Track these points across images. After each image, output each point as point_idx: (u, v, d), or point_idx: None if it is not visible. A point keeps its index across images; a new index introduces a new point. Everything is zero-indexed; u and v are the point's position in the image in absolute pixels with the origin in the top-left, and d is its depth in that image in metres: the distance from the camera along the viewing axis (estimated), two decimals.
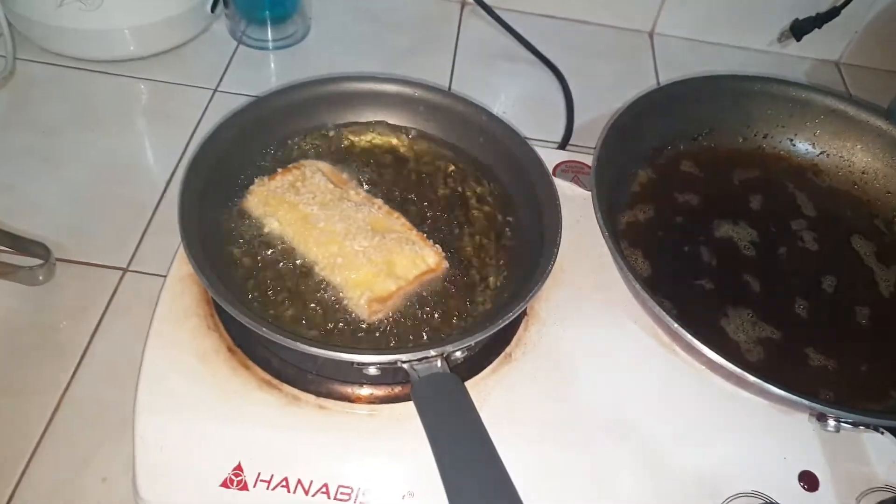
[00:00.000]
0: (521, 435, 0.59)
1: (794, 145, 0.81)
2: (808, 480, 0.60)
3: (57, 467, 0.61)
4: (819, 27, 1.01)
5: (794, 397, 0.56)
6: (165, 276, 0.65)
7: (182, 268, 0.66)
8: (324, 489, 0.56)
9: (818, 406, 0.57)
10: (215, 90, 0.91)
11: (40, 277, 0.70)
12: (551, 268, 0.61)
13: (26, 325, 0.68)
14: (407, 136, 0.74)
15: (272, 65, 0.96)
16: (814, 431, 0.63)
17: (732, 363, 0.57)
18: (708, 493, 0.59)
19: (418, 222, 0.67)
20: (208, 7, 0.94)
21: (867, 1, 1.01)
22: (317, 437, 0.58)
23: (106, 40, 0.88)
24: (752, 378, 0.57)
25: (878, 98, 0.96)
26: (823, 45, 1.07)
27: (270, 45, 0.97)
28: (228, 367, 0.60)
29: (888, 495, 0.60)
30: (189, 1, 0.91)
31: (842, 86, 1.07)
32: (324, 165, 0.69)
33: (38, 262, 0.70)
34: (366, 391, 0.60)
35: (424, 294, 0.63)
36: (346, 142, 0.73)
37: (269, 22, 0.96)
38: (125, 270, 0.73)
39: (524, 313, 0.67)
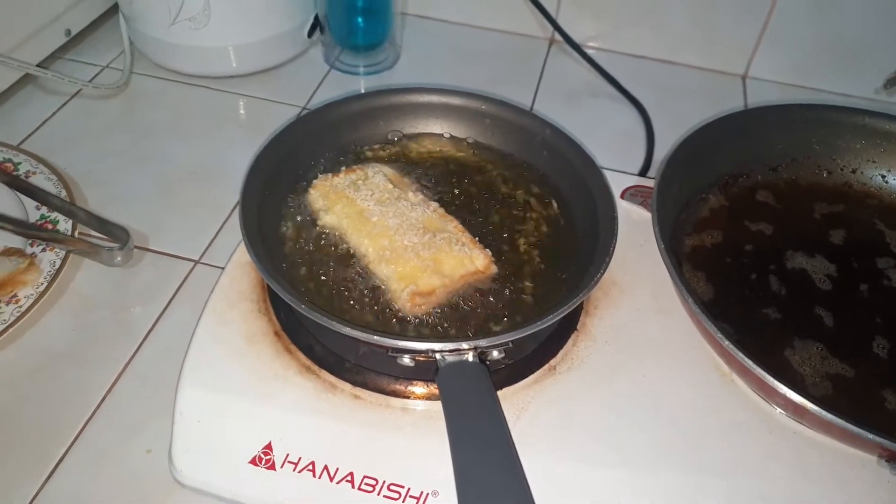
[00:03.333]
0: (557, 450, 0.57)
1: (887, 182, 0.76)
2: None
3: (107, 435, 0.63)
4: None
5: (862, 432, 0.51)
6: (227, 262, 0.68)
7: (243, 255, 0.69)
8: (349, 477, 0.56)
9: (889, 443, 0.51)
10: (304, 108, 0.96)
11: (118, 259, 0.74)
12: (599, 277, 0.59)
13: (101, 301, 0.73)
14: (470, 147, 0.75)
15: (361, 89, 1.01)
16: (881, 477, 0.57)
17: (794, 391, 0.53)
18: None
19: (472, 228, 0.67)
20: (306, 32, 1.00)
21: None
22: (348, 425, 0.58)
23: (210, 57, 0.96)
24: (812, 407, 0.52)
25: None
26: None
27: (361, 70, 1.02)
28: (273, 350, 0.62)
29: None
30: (288, 24, 0.97)
31: None
32: (386, 169, 0.71)
33: (118, 245, 0.74)
34: (401, 385, 0.60)
35: (470, 295, 0.62)
36: (410, 150, 0.75)
37: (361, 49, 1.01)
38: (197, 262, 0.77)
39: (574, 328, 0.65)
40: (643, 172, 0.90)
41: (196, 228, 0.80)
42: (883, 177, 0.76)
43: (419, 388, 0.60)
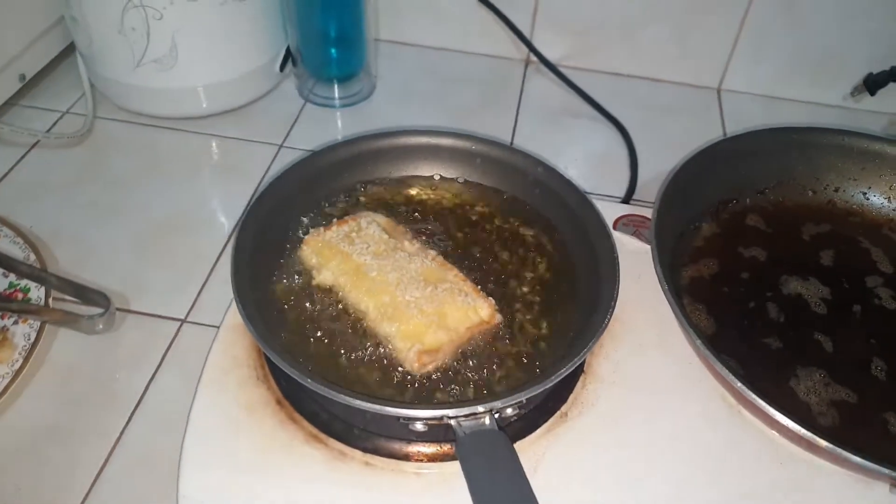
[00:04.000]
0: (577, 499, 0.56)
1: (868, 199, 0.77)
2: None
3: None
4: (895, 81, 0.97)
5: (873, 465, 0.52)
6: (218, 326, 0.66)
7: (235, 317, 0.66)
8: None
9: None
10: (281, 146, 0.94)
11: (100, 326, 0.71)
12: (607, 323, 0.58)
13: (84, 373, 0.69)
14: (462, 187, 0.74)
15: (338, 122, 0.99)
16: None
17: (804, 427, 0.53)
18: None
19: (472, 275, 0.66)
20: (277, 66, 0.97)
21: None
22: (363, 494, 0.56)
23: (179, 98, 0.92)
24: (824, 444, 0.53)
25: None
26: None
27: (337, 102, 1.00)
28: (276, 420, 0.60)
29: None
30: (259, 60, 0.95)
31: None
32: (380, 217, 0.69)
33: (99, 311, 0.71)
34: (414, 448, 0.58)
35: (476, 347, 0.61)
36: (402, 195, 0.73)
37: (335, 80, 0.99)
38: (183, 321, 0.74)
39: (581, 370, 0.64)
40: (628, 196, 0.90)
41: (179, 284, 0.77)
42: (864, 194, 0.77)
43: (432, 449, 0.58)
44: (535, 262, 0.68)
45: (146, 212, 0.84)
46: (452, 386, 0.59)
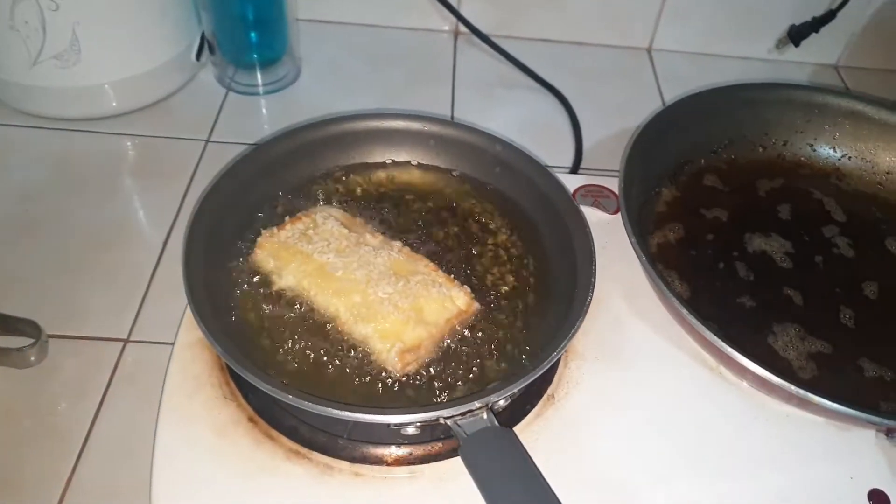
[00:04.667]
0: (577, 480, 0.55)
1: (815, 150, 0.79)
2: (879, 500, 0.56)
3: None
4: (816, 31, 0.99)
5: (861, 414, 0.53)
6: (172, 345, 0.60)
7: (189, 334, 0.61)
8: None
9: (888, 422, 0.53)
10: (207, 141, 0.87)
11: (32, 358, 0.64)
12: (590, 300, 0.57)
13: (21, 411, 0.62)
14: (419, 172, 0.70)
15: (265, 110, 0.93)
16: (878, 447, 0.59)
17: (792, 383, 0.53)
18: None
19: (441, 263, 0.63)
20: (193, 55, 0.90)
21: (863, 2, 0.99)
22: None
23: (86, 97, 0.84)
24: (815, 398, 0.53)
25: None
26: (822, 50, 1.06)
27: (261, 89, 0.93)
28: (251, 440, 0.55)
29: None
30: (172, 50, 0.87)
31: None
32: (335, 211, 0.65)
33: (29, 341, 0.64)
34: (403, 451, 0.55)
35: (456, 339, 0.58)
36: (355, 184, 0.69)
37: (257, 66, 0.92)
38: (126, 341, 0.68)
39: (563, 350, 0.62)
40: (576, 165, 0.88)
41: (116, 303, 0.70)
42: (811, 146, 0.79)
43: (422, 451, 0.56)
44: (504, 243, 0.66)
45: (66, 226, 0.76)
46: (439, 382, 0.56)
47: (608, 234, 0.70)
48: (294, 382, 0.54)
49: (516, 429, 0.57)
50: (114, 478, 0.59)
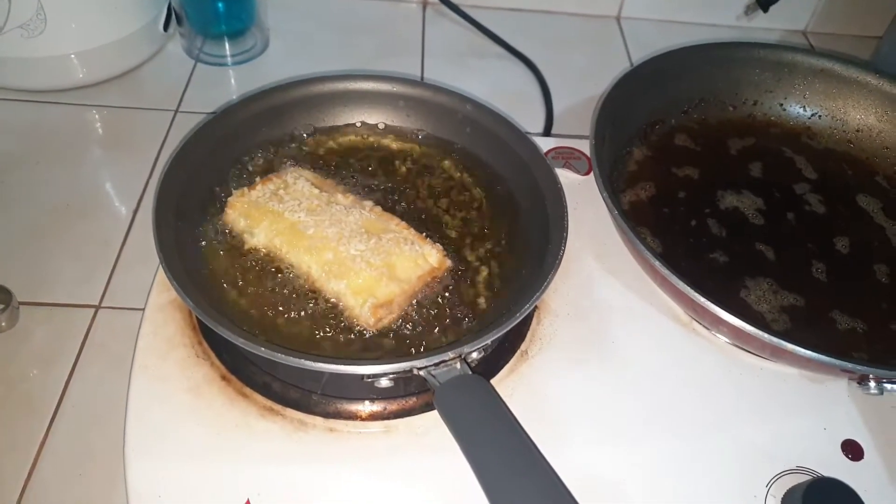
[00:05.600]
0: (551, 435, 0.55)
1: (785, 109, 0.79)
2: (853, 450, 0.57)
3: None
4: None
5: (833, 360, 0.53)
6: (144, 307, 0.60)
7: (161, 296, 0.60)
8: None
9: (861, 368, 0.54)
10: (176, 111, 0.86)
11: (2, 324, 0.63)
12: (562, 254, 0.57)
13: None
14: (388, 133, 0.70)
15: (233, 81, 0.92)
16: (850, 397, 0.60)
17: (767, 332, 0.53)
18: (752, 475, 0.55)
19: (413, 222, 0.62)
20: (160, 26, 0.89)
21: None
22: (330, 462, 0.53)
23: (52, 68, 0.82)
24: (788, 345, 0.53)
25: None
26: (790, 16, 1.07)
27: (229, 60, 0.92)
28: (224, 398, 0.55)
29: None
30: (139, 21, 0.85)
31: None
32: (306, 172, 0.64)
33: None
34: (378, 406, 0.55)
35: (429, 295, 0.58)
36: (326, 146, 0.68)
37: (225, 37, 0.91)
38: (97, 308, 0.67)
39: (535, 306, 0.62)
40: (547, 130, 0.88)
41: (86, 270, 0.70)
42: (781, 105, 0.79)
43: (397, 405, 0.56)
44: (476, 202, 0.66)
45: (35, 198, 0.75)
46: (412, 336, 0.56)
47: (580, 194, 0.70)
48: (268, 339, 0.54)
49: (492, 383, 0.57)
50: (86, 442, 0.59)
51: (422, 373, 0.50)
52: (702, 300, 0.55)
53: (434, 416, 0.54)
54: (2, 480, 0.56)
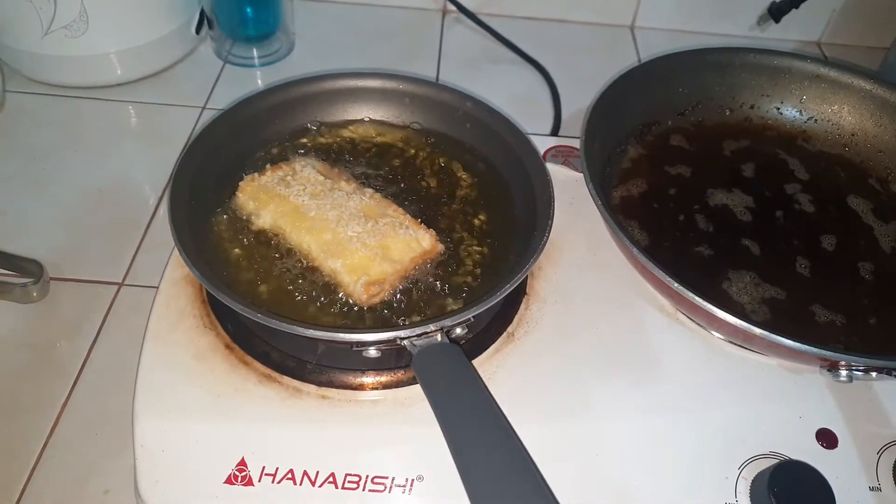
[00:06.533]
0: (529, 413, 0.58)
1: (782, 113, 0.81)
2: (827, 438, 0.59)
3: (58, 482, 0.60)
4: (797, 7, 1.01)
5: (804, 346, 0.54)
6: (160, 281, 0.65)
7: (176, 271, 0.65)
8: (331, 479, 0.55)
9: (828, 353, 0.55)
10: (204, 108, 0.92)
11: (34, 294, 0.69)
12: (546, 238, 0.60)
13: (22, 343, 0.67)
14: (393, 128, 0.74)
15: (259, 81, 0.97)
16: (827, 388, 0.61)
17: (739, 318, 0.56)
18: (726, 458, 0.57)
19: (411, 209, 0.66)
20: (193, 29, 0.95)
21: None
22: (320, 427, 0.57)
23: (92, 66, 0.89)
24: (757, 331, 0.55)
25: None
26: (803, 26, 1.08)
27: (256, 62, 0.98)
28: (227, 364, 0.59)
29: None
30: (174, 23, 0.92)
31: None
32: (314, 161, 0.69)
33: (32, 279, 0.69)
34: (369, 378, 0.59)
35: (420, 276, 0.62)
36: (333, 138, 0.73)
37: (253, 40, 0.97)
38: (120, 285, 0.73)
39: (524, 293, 0.66)
40: (554, 132, 0.92)
41: (113, 250, 0.75)
42: (777, 108, 0.81)
43: (386, 377, 0.59)
44: (471, 192, 0.70)
45: (70, 183, 0.82)
46: (401, 313, 0.59)
47: (575, 190, 0.73)
48: (269, 311, 0.58)
49: (476, 362, 0.60)
50: (105, 403, 0.64)
51: (405, 343, 0.53)
52: (679, 288, 0.57)
53: (419, 388, 0.58)
54: (27, 436, 0.61)
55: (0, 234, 0.75)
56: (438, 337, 0.54)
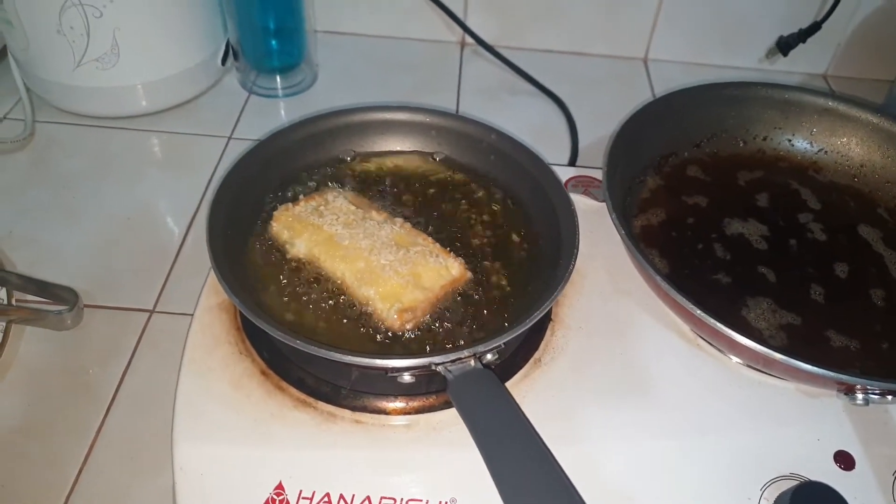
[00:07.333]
0: (559, 437, 0.59)
1: (793, 145, 0.84)
2: (844, 460, 0.60)
3: None
4: (804, 41, 1.05)
5: (822, 371, 0.57)
6: (195, 309, 0.66)
7: (211, 298, 0.67)
8: (366, 502, 0.56)
9: (845, 377, 0.57)
10: (230, 137, 0.94)
11: (69, 322, 0.71)
12: (573, 266, 0.62)
13: (56, 369, 0.69)
14: (420, 158, 0.77)
15: (283, 111, 1.00)
16: (844, 411, 0.63)
17: (758, 343, 0.58)
18: (748, 479, 0.59)
19: (439, 238, 0.68)
20: (219, 60, 0.98)
21: (847, 13, 1.05)
22: (355, 451, 0.58)
23: (121, 97, 0.92)
24: (779, 357, 0.57)
25: None
26: (810, 59, 1.11)
27: (280, 92, 1.01)
28: (263, 391, 0.61)
29: None
30: (200, 54, 0.95)
31: None
32: (344, 191, 0.71)
33: (66, 307, 0.71)
34: (401, 403, 0.61)
35: (450, 303, 0.64)
36: (362, 169, 0.75)
37: (277, 71, 1.00)
38: (152, 312, 0.74)
39: (550, 319, 0.68)
40: (572, 162, 0.94)
41: (143, 277, 0.77)
42: (789, 140, 0.84)
43: (418, 402, 0.61)
44: (496, 223, 0.72)
45: (100, 211, 0.83)
46: (433, 340, 0.61)
47: (596, 220, 0.75)
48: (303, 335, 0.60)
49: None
50: (139, 428, 0.65)
51: (439, 368, 0.55)
52: (701, 315, 0.59)
53: (452, 412, 0.60)
54: (63, 461, 0.62)
55: (29, 262, 0.77)
56: (472, 362, 0.56)
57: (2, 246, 0.78)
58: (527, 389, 0.63)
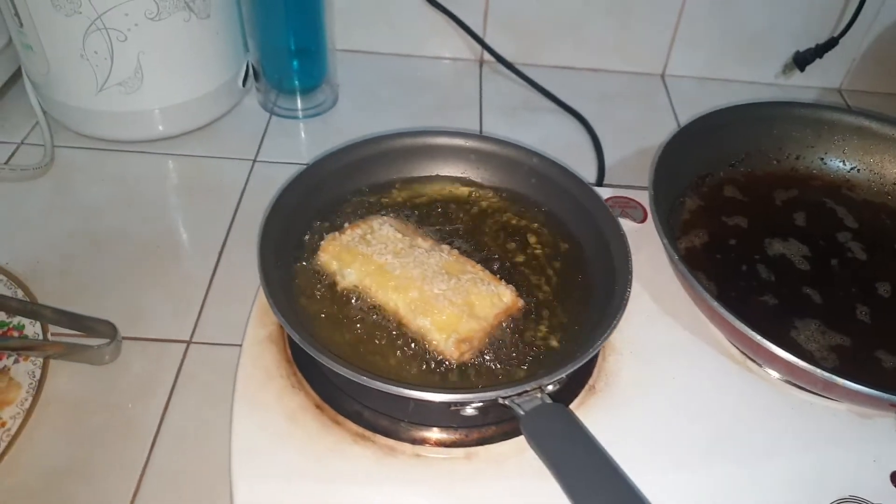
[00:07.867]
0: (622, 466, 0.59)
1: (826, 163, 0.84)
2: None
3: None
4: (820, 57, 1.06)
5: (881, 394, 0.57)
6: (242, 341, 0.65)
7: (258, 331, 0.66)
8: None
9: None
10: (255, 160, 0.92)
11: (107, 357, 0.69)
12: (629, 294, 0.62)
13: (96, 405, 0.67)
14: (460, 183, 0.76)
15: (304, 133, 0.99)
16: None
17: (816, 367, 0.58)
18: (809, 502, 0.59)
19: (486, 263, 0.68)
20: (240, 81, 0.96)
21: (863, 29, 1.06)
22: (417, 485, 0.57)
23: (143, 121, 0.90)
24: (840, 380, 0.57)
25: None
26: (826, 74, 1.12)
27: (301, 114, 0.99)
28: (318, 424, 0.60)
29: None
30: (223, 77, 0.93)
31: None
32: (389, 218, 0.70)
33: (103, 341, 0.69)
34: (461, 434, 0.60)
35: (504, 331, 0.63)
36: (404, 195, 0.74)
37: (298, 92, 0.99)
38: (189, 342, 0.72)
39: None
40: (599, 180, 0.94)
41: (176, 308, 0.75)
42: (822, 159, 0.84)
43: (477, 434, 0.60)
44: (543, 248, 0.71)
45: (127, 238, 0.81)
46: (490, 370, 0.60)
47: (637, 241, 0.74)
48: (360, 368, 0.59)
49: None
50: (185, 464, 0.63)
51: (506, 402, 0.54)
52: (759, 339, 0.60)
53: (512, 443, 0.60)
54: (110, 499, 0.61)
55: (58, 294, 0.74)
56: (538, 395, 0.55)
57: (29, 277, 0.76)
58: (583, 417, 0.61)
